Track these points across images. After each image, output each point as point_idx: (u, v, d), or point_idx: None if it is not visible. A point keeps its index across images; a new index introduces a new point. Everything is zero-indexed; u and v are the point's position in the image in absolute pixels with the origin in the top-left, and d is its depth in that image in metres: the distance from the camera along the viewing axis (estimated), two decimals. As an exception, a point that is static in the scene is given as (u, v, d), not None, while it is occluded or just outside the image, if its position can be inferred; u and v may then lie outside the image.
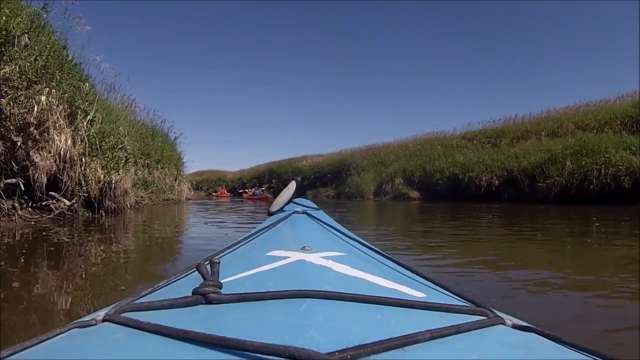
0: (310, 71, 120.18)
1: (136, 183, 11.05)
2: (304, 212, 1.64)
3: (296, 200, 2.10)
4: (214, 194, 34.26)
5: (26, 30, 6.35)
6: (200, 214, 10.07)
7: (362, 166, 27.91)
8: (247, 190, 29.88)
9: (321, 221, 1.47)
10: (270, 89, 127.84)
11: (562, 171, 14.77)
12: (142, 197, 11.69)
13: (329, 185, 30.12)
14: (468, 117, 79.88)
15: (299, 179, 2.23)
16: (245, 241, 1.18)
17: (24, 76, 6.15)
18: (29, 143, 6.37)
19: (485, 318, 0.60)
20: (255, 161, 71.36)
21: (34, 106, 6.25)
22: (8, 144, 6.06)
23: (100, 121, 8.33)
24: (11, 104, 5.99)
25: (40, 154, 6.46)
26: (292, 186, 2.05)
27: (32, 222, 6.09)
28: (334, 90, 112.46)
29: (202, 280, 0.66)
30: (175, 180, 18.04)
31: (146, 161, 14.05)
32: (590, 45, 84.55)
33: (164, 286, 0.77)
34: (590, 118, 18.04)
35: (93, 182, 7.58)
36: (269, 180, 38.64)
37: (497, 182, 17.65)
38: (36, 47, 6.53)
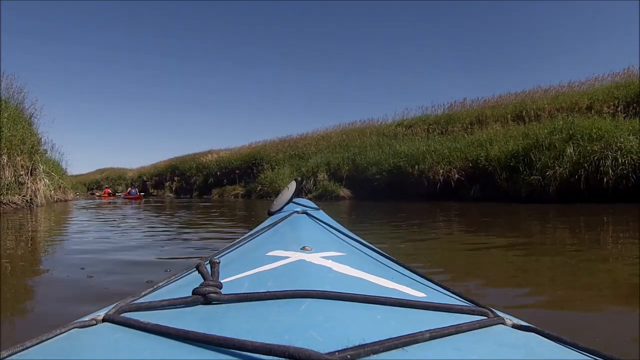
0: (216, 60, 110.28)
1: None
2: (304, 212, 1.49)
3: (296, 200, 1.90)
4: (96, 193, 30.17)
5: None
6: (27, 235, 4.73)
7: (277, 160, 21.87)
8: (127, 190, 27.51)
9: (321, 221, 1.33)
10: (172, 79, 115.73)
11: (561, 161, 9.68)
12: None
13: (237, 183, 23.57)
14: (396, 105, 74.19)
15: (300, 179, 2.01)
16: (245, 241, 1.09)
17: None
18: None
19: (485, 318, 0.55)
20: (159, 157, 61.20)
21: None
22: None
23: None
24: None
25: None
26: (292, 186, 1.86)
27: None
28: (243, 79, 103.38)
29: (202, 280, 0.59)
30: (29, 174, 10.87)
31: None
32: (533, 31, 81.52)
33: (164, 286, 0.70)
34: (565, 100, 13.59)
35: None
36: (171, 177, 32.95)
37: (457, 175, 12.23)
38: None
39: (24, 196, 10.53)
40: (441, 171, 12.53)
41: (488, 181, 11.50)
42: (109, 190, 28.14)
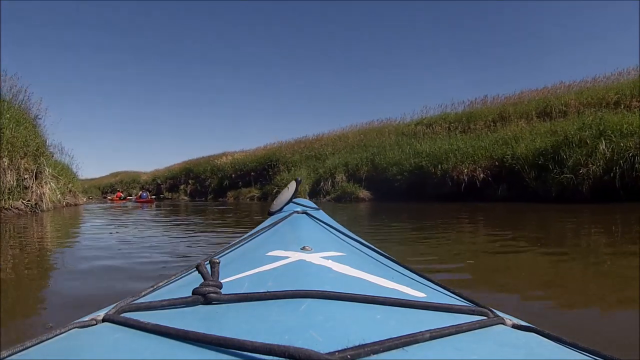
0: (230, 62, 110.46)
1: None
2: (304, 212, 1.50)
3: (296, 200, 1.93)
4: (108, 197, 30.26)
5: None
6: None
7: (293, 161, 21.69)
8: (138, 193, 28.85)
9: (321, 221, 1.34)
10: (186, 82, 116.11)
11: (594, 158, 9.32)
12: None
13: (253, 185, 23.41)
14: (410, 105, 72.97)
15: (300, 179, 2.07)
16: (245, 241, 1.10)
17: None
18: None
19: (485, 318, 0.55)
20: (173, 160, 61.01)
21: None
22: None
23: None
24: None
25: None
26: (292, 186, 1.90)
27: None
28: (257, 81, 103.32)
29: (202, 280, 0.60)
30: (34, 178, 10.52)
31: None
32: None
33: (164, 286, 0.70)
34: (591, 95, 13.20)
35: None
36: (186, 180, 32.73)
37: (482, 175, 11.91)
38: None
39: (28, 201, 10.08)
40: (465, 170, 12.22)
41: (515, 180, 11.17)
42: (121, 194, 28.98)
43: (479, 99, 18.22)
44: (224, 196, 25.21)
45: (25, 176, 10.27)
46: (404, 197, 13.26)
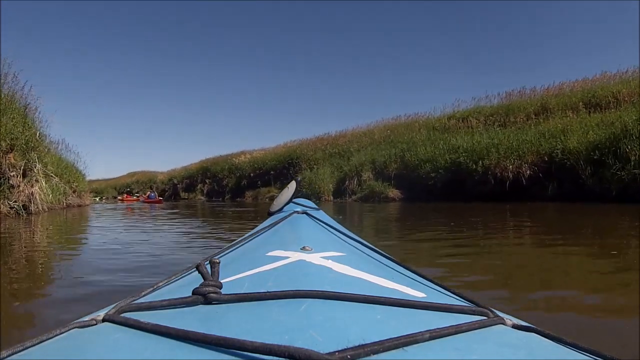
0: (248, 60, 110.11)
1: None
2: (304, 212, 1.50)
3: (296, 200, 1.93)
4: (118, 197, 32.30)
5: None
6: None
7: (315, 159, 21.05)
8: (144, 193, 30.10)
9: (321, 221, 1.34)
10: (203, 81, 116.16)
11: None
12: None
13: (272, 185, 22.90)
14: (437, 99, 70.98)
15: (299, 179, 2.07)
16: (245, 241, 1.10)
17: None
18: None
19: (486, 318, 0.55)
20: (190, 159, 60.55)
21: None
22: None
23: None
24: None
25: None
26: (292, 186, 1.90)
27: None
28: (277, 77, 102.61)
29: (202, 280, 0.60)
30: (22, 176, 9.60)
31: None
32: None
33: (164, 286, 0.71)
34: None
35: None
36: (203, 179, 32.43)
37: (528, 171, 11.04)
38: None
39: (15, 202, 9.03)
40: (510, 167, 11.36)
41: (566, 177, 10.32)
42: (130, 195, 30.79)
43: (515, 90, 17.37)
44: (242, 196, 24.81)
45: (12, 173, 9.23)
46: (439, 197, 12.51)
